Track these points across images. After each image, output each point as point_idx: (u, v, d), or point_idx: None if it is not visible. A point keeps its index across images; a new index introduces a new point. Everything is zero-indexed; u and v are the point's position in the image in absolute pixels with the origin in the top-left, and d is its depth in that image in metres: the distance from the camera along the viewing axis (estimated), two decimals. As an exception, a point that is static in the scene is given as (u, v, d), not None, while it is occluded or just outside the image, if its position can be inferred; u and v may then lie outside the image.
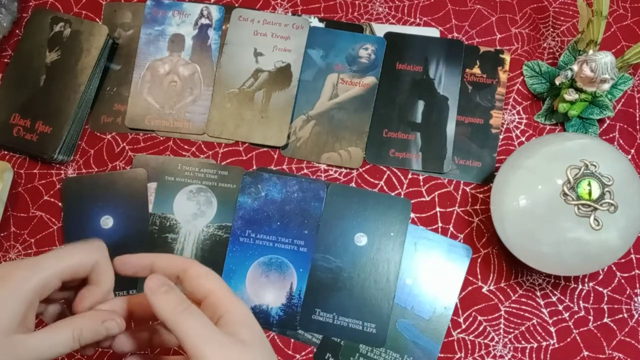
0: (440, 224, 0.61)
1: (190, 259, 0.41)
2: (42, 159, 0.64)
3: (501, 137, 0.63)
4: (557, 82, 0.61)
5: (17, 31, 0.68)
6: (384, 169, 0.63)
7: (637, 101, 0.64)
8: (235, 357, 0.36)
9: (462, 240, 0.61)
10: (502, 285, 0.60)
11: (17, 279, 0.37)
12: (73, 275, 0.39)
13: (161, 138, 0.64)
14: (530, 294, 0.59)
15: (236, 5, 0.68)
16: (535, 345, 0.58)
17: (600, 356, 0.58)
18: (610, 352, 0.58)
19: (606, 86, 0.59)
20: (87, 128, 0.65)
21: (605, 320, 0.59)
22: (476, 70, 0.65)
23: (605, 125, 0.63)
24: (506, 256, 0.60)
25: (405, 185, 0.62)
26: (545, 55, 0.66)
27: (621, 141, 0.63)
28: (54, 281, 0.38)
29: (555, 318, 0.59)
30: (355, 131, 0.63)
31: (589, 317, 0.59)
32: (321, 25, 0.67)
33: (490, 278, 0.60)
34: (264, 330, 0.59)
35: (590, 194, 0.51)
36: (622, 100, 0.64)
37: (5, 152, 0.64)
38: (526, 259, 0.55)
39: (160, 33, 0.66)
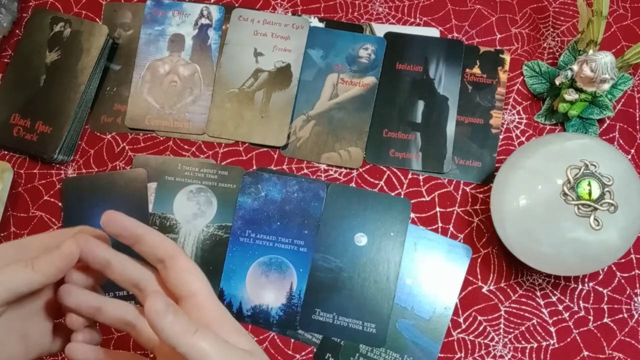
0: (440, 224, 0.61)
1: (177, 246, 0.38)
2: (42, 159, 0.64)
3: (501, 137, 0.63)
4: (557, 82, 0.61)
5: (17, 31, 0.68)
6: (384, 169, 0.63)
7: (637, 101, 0.64)
8: None
9: (462, 240, 0.61)
10: (502, 285, 0.60)
11: None
12: (17, 297, 0.36)
13: (161, 138, 0.64)
14: (530, 294, 0.59)
15: (236, 5, 0.68)
16: (535, 345, 0.58)
17: (600, 356, 0.58)
18: (610, 352, 0.58)
19: (606, 86, 0.59)
20: (87, 128, 0.65)
21: (605, 320, 0.59)
22: (476, 70, 0.65)
23: (605, 125, 0.63)
24: (506, 256, 0.60)
25: (405, 185, 0.62)
26: (545, 55, 0.66)
27: (621, 141, 0.63)
28: None
29: (555, 318, 0.59)
30: (355, 131, 0.63)
31: (589, 317, 0.59)
32: (321, 25, 0.67)
33: (490, 278, 0.60)
34: (264, 330, 0.59)
35: (590, 194, 0.51)
36: (622, 100, 0.64)
37: (5, 152, 0.64)
38: (526, 259, 0.55)
39: (160, 33, 0.66)
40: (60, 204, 0.63)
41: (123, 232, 0.37)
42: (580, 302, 0.59)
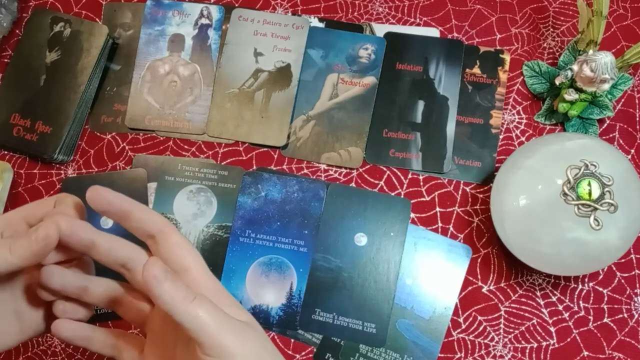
0: (440, 224, 0.61)
1: (167, 220, 0.37)
2: (42, 159, 0.64)
3: (501, 137, 0.63)
4: (557, 82, 0.61)
5: (17, 31, 0.68)
6: (384, 169, 0.63)
7: (637, 101, 0.64)
8: (252, 341, 0.34)
9: (462, 240, 0.61)
10: (502, 285, 0.60)
11: None
12: None
13: (161, 138, 0.64)
14: (530, 294, 0.59)
15: (236, 5, 0.68)
16: (535, 345, 0.58)
17: (600, 356, 0.58)
18: (610, 352, 0.58)
19: (606, 86, 0.59)
20: (87, 128, 0.65)
21: (605, 320, 0.59)
22: (476, 70, 0.65)
23: (605, 125, 0.63)
24: (506, 256, 0.60)
25: (405, 185, 0.62)
26: (545, 55, 0.66)
27: (621, 141, 0.63)
28: None
29: (555, 318, 0.59)
30: (355, 131, 0.63)
31: (589, 317, 0.59)
32: (321, 25, 0.67)
33: (490, 278, 0.60)
34: (264, 330, 0.59)
35: (590, 194, 0.51)
36: (622, 100, 0.64)
37: (5, 152, 0.64)
38: (526, 259, 0.55)
39: (160, 33, 0.66)
40: (60, 204, 0.63)
41: (109, 207, 0.35)
42: (580, 302, 0.59)
